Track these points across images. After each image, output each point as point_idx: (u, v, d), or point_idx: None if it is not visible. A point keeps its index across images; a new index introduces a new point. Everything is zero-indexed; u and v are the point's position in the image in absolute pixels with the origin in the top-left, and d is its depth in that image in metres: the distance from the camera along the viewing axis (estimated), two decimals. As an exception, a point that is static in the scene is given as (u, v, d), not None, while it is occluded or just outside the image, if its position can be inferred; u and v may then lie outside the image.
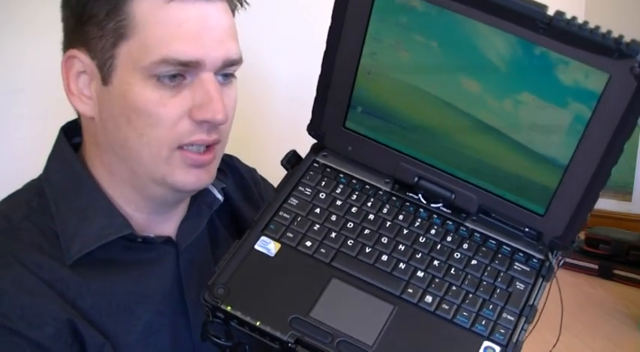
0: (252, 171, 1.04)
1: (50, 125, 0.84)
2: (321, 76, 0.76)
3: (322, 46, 0.74)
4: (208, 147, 0.77)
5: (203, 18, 0.72)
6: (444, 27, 0.67)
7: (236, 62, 0.77)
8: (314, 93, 0.78)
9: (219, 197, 0.88)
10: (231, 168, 0.99)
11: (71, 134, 0.82)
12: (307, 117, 0.79)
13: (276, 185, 1.02)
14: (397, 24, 0.70)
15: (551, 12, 0.63)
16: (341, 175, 0.79)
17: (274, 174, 0.95)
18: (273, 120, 1.44)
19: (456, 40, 0.68)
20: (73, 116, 0.82)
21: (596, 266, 1.46)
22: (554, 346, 0.80)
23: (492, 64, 0.67)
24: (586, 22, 0.62)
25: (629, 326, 1.22)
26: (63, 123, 0.83)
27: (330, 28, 0.73)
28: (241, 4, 0.79)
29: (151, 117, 0.72)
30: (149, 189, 0.78)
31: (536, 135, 0.69)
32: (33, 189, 0.80)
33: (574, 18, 0.62)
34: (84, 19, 0.72)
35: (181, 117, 0.73)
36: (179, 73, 0.72)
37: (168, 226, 0.84)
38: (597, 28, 0.61)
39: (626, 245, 1.44)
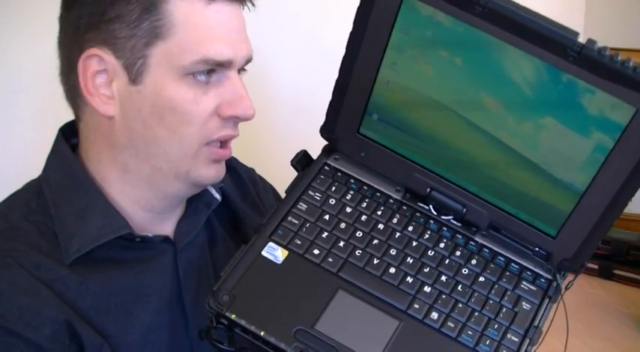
0: (251, 170, 1.04)
1: (50, 125, 0.83)
2: (338, 80, 0.75)
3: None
4: (225, 142, 0.80)
5: (230, 20, 0.75)
6: (470, 45, 0.66)
7: (251, 60, 0.80)
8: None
9: (217, 197, 0.88)
10: (229, 168, 0.98)
11: (69, 135, 0.82)
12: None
13: (276, 186, 1.02)
14: (421, 36, 0.68)
15: (582, 39, 0.61)
16: (352, 180, 0.78)
17: (274, 175, 0.94)
18: (273, 122, 1.43)
19: (481, 58, 0.66)
20: (72, 116, 0.81)
21: (596, 267, 1.47)
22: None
23: (517, 86, 0.65)
24: (617, 54, 0.60)
25: (629, 326, 1.23)
26: (63, 123, 0.82)
27: (352, 33, 0.71)
28: (252, 4, 0.79)
29: (185, 115, 0.74)
30: (167, 186, 0.79)
31: (555, 160, 0.68)
32: (32, 189, 0.79)
33: (605, 48, 0.60)
34: (108, 17, 0.71)
35: (211, 115, 0.76)
36: (212, 70, 0.75)
37: (166, 226, 0.84)
38: (628, 60, 0.60)
39: (626, 245, 1.44)
